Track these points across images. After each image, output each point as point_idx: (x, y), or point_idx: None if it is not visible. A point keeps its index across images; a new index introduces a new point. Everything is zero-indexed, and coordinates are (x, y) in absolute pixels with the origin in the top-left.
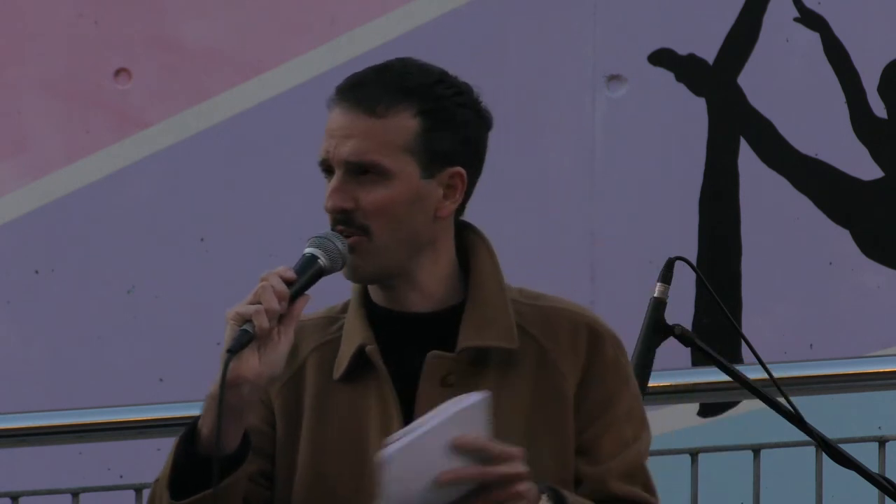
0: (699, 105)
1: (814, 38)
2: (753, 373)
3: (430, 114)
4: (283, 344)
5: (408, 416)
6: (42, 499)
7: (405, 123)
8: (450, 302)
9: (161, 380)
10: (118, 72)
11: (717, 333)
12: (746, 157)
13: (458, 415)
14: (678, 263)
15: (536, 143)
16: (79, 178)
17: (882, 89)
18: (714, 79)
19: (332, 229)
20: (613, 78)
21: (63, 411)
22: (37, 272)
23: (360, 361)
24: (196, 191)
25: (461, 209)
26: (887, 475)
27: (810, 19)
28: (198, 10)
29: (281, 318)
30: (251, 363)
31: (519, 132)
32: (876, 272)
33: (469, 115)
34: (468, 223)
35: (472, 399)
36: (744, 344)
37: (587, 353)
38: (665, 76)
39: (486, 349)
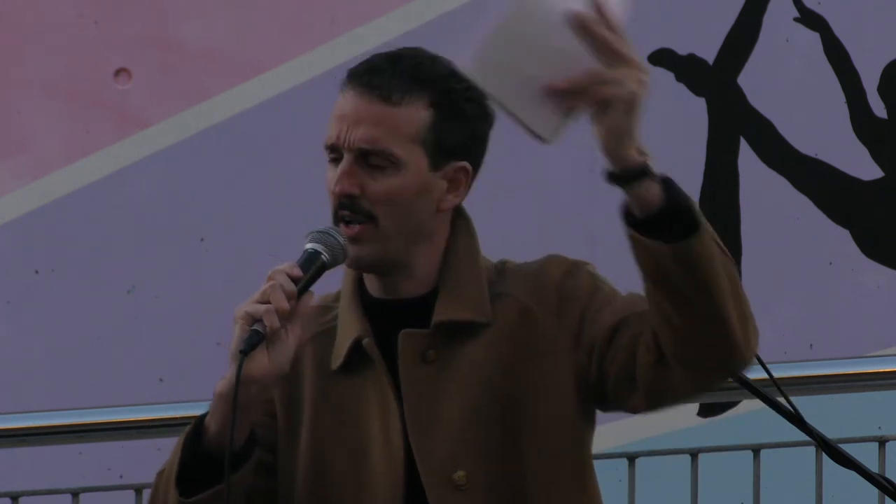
0: (699, 105)
1: (814, 38)
2: (753, 373)
3: (441, 106)
4: (290, 342)
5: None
6: (42, 499)
7: (418, 114)
8: (436, 284)
9: (161, 380)
10: (118, 72)
11: None
12: (746, 157)
13: None
14: None
15: (536, 143)
16: (79, 178)
17: (882, 89)
18: (714, 79)
19: (336, 214)
20: None
21: (63, 411)
22: (37, 272)
23: (358, 353)
24: (196, 191)
25: None
26: (887, 475)
27: (810, 19)
28: (198, 10)
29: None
30: (261, 362)
31: (519, 132)
32: (876, 272)
33: (477, 110)
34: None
35: None
36: None
37: (557, 295)
38: (665, 76)
39: (462, 323)
